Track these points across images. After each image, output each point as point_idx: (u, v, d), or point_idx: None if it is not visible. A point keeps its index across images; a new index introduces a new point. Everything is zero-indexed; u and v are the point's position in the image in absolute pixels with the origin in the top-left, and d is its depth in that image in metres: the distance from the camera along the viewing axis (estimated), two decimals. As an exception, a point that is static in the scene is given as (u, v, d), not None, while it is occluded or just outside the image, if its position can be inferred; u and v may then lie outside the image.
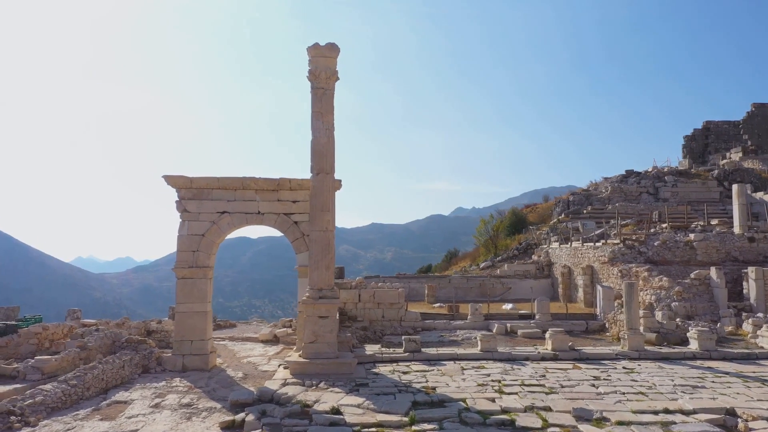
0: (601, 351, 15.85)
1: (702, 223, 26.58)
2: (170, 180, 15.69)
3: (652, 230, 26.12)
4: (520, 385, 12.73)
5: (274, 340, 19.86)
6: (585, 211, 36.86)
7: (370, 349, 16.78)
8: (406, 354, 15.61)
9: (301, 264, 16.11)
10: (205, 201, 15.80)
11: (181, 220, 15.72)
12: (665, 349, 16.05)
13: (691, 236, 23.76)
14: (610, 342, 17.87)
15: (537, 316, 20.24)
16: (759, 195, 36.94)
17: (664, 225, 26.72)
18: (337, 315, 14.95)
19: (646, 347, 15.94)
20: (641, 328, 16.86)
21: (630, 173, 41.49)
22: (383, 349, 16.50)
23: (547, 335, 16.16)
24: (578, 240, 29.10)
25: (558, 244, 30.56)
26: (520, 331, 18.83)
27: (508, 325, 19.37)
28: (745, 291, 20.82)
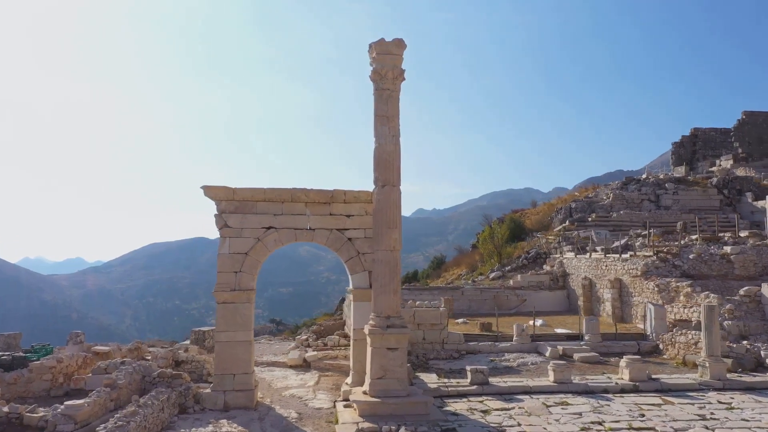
0: (682, 381, 14.63)
1: (729, 235, 25.89)
2: (210, 191, 13.74)
3: (681, 242, 25.26)
4: (628, 429, 11.34)
5: (304, 365, 18.01)
6: (590, 219, 36.03)
7: (426, 378, 15.20)
8: (474, 387, 14.08)
9: (356, 286, 14.38)
10: (249, 215, 13.89)
11: (221, 236, 13.77)
12: (747, 378, 14.96)
13: (728, 249, 22.95)
14: (676, 367, 16.73)
15: (586, 337, 18.96)
16: (761, 204, 36.80)
17: (693, 237, 25.90)
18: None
19: (727, 375, 14.81)
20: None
21: (630, 180, 40.96)
22: (445, 380, 14.93)
23: (622, 363, 14.86)
24: (597, 250, 28.09)
25: (574, 254, 29.48)
26: (576, 356, 17.49)
27: (560, 347, 18.01)
28: (793, 308, 20.03)
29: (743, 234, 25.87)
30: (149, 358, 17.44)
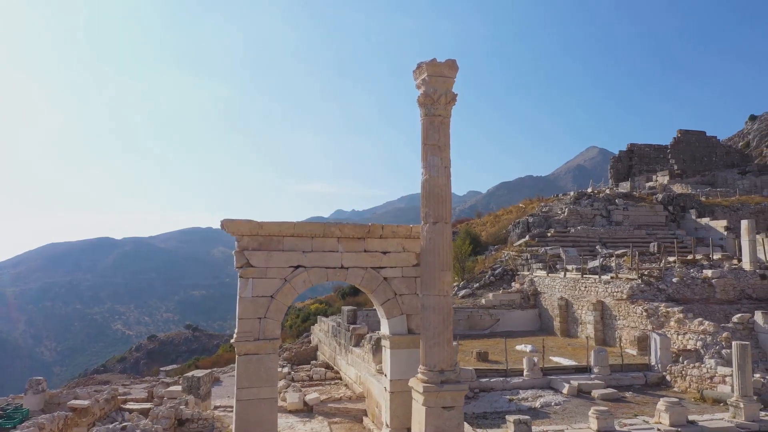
0: (720, 424, 14.15)
1: (699, 257, 26.38)
2: (231, 226, 11.85)
3: (657, 264, 25.42)
4: (711, 491, 10.60)
5: (306, 409, 16.26)
6: (549, 234, 36.09)
7: (458, 428, 13.90)
8: (519, 440, 12.95)
9: (394, 332, 12.88)
10: (275, 252, 12.11)
11: (241, 277, 11.90)
12: (777, 417, 14.76)
13: (709, 273, 23.24)
14: (695, 403, 16.36)
15: (595, 369, 18.36)
16: (705, 221, 38.25)
17: (671, 259, 26.14)
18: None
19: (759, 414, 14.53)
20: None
21: (581, 195, 41.59)
22: (481, 431, 13.70)
23: (660, 407, 14.22)
24: (568, 269, 27.92)
25: (545, 272, 29.19)
26: (594, 392, 16.81)
27: (575, 383, 17.28)
28: (780, 335, 20.39)
29: (717, 256, 26.44)
30: (127, 408, 15.18)
